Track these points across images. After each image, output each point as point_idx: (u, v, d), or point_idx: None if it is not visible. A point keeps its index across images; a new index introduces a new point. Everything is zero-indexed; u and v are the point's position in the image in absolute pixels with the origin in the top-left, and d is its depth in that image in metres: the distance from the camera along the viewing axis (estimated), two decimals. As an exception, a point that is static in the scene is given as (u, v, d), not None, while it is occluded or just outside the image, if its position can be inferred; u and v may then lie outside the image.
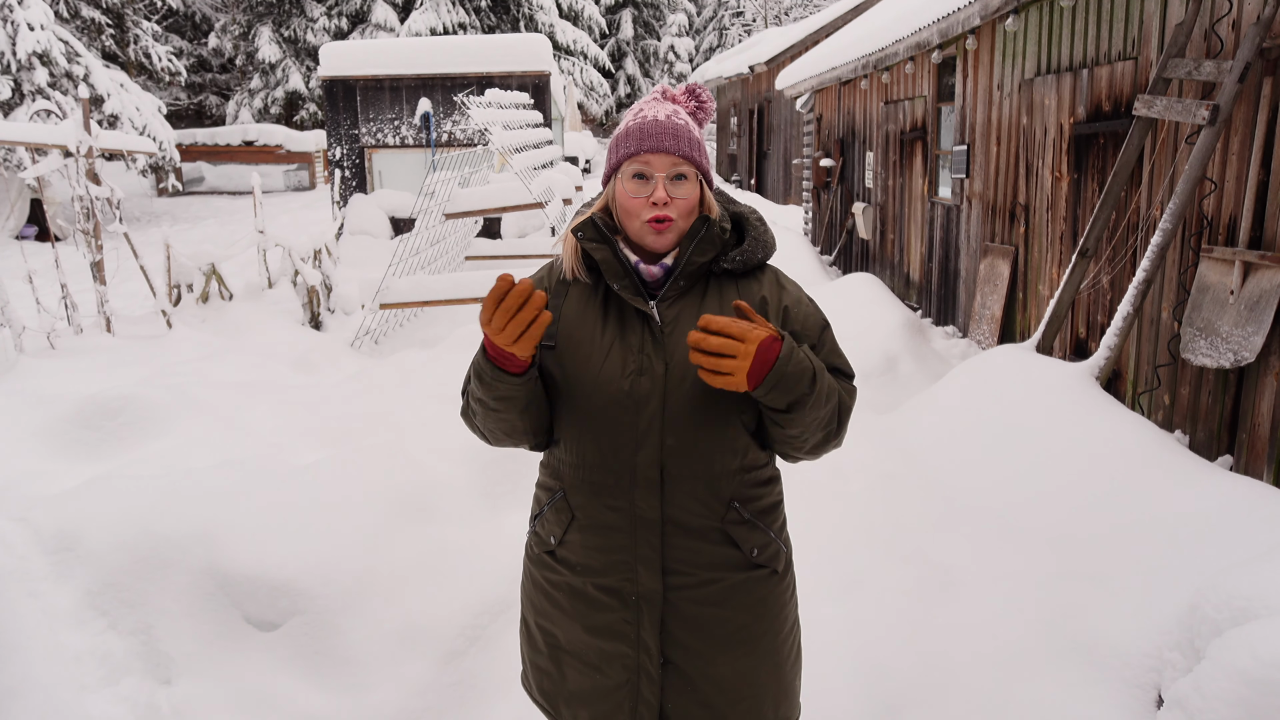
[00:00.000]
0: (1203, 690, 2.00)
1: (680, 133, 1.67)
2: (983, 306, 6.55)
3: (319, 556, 3.22)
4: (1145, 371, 4.58)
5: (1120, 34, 4.85)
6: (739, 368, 1.49)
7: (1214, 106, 3.82)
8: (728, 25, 41.39)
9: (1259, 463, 3.74)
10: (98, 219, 7.01)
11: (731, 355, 1.48)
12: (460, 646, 3.11)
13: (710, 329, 1.48)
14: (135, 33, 21.67)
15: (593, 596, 1.73)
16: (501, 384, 1.60)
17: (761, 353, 1.51)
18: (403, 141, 13.73)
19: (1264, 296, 3.61)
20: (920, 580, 3.36)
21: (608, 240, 1.69)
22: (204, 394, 5.10)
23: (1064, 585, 3.00)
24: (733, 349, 1.48)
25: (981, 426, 4.08)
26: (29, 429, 4.65)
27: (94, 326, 7.00)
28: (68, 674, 2.85)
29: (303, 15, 27.94)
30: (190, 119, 30.38)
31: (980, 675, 2.81)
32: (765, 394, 1.55)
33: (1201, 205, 4.10)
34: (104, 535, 3.22)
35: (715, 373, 1.50)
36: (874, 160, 9.60)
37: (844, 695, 2.84)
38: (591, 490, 1.70)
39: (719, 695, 1.74)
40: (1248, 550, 2.62)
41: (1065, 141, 5.45)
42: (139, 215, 18.50)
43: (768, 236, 1.79)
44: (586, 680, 1.76)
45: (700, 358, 1.49)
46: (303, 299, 8.19)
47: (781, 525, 1.82)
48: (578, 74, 33.23)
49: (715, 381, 1.51)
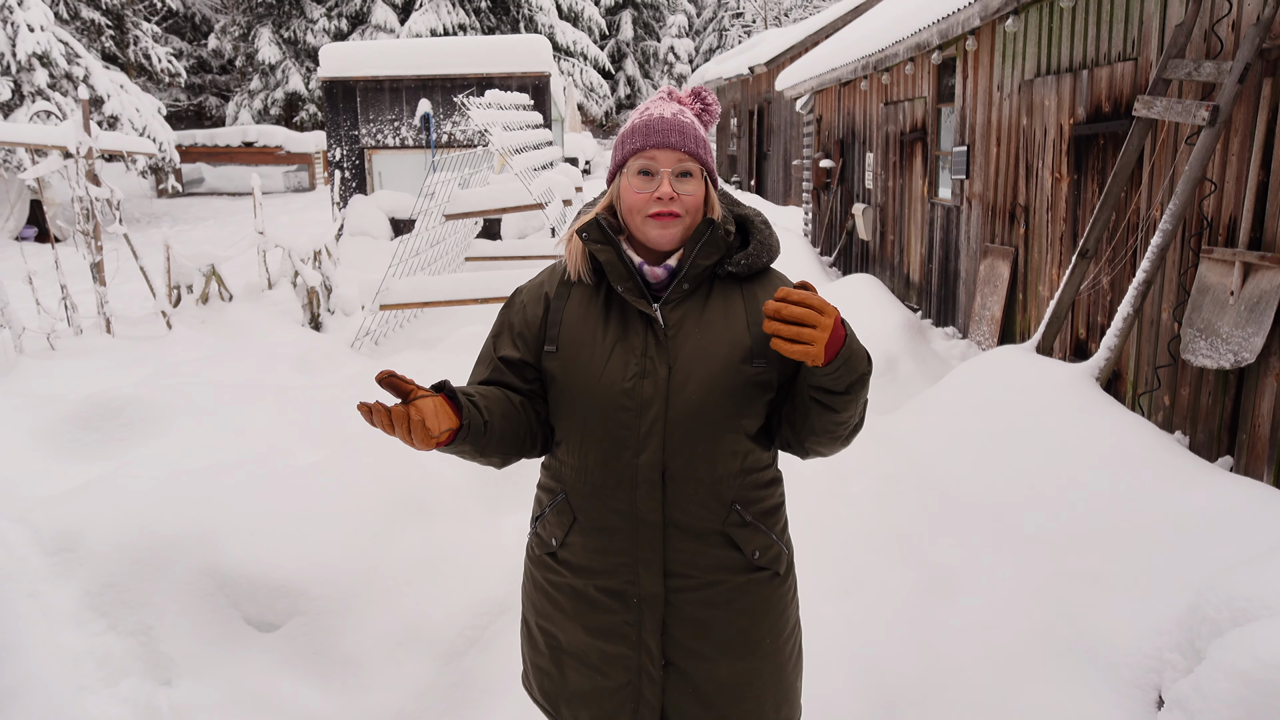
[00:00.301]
0: (1203, 691, 2.00)
1: (686, 130, 1.68)
2: (983, 307, 6.55)
3: (319, 557, 3.22)
4: (1145, 372, 4.58)
5: (1120, 35, 4.85)
6: (819, 338, 1.43)
7: (1214, 107, 3.82)
8: (727, 26, 41.40)
9: (1259, 464, 3.74)
10: (97, 220, 7.01)
11: (812, 325, 1.43)
12: (460, 647, 3.11)
13: (790, 299, 1.43)
14: (135, 34, 21.68)
15: (594, 598, 1.73)
16: (448, 451, 1.58)
17: (836, 327, 1.48)
18: (403, 142, 13.73)
19: (1264, 297, 3.61)
20: (920, 581, 3.36)
21: (612, 241, 1.69)
22: (204, 395, 5.10)
23: (1064, 586, 3.00)
24: (813, 319, 1.42)
25: (981, 428, 4.08)
26: (29, 430, 4.65)
27: (94, 327, 7.00)
28: (67, 675, 2.85)
29: (302, 16, 27.95)
30: (190, 120, 30.38)
31: (980, 676, 2.81)
32: (834, 370, 1.50)
33: (1201, 206, 4.10)
34: (104, 536, 3.22)
35: (794, 341, 1.43)
36: (874, 161, 9.60)
37: (844, 696, 2.84)
38: (593, 492, 1.70)
39: (720, 697, 1.74)
40: (1248, 551, 2.62)
41: (1065, 142, 5.46)
42: (139, 216, 18.50)
43: (772, 240, 1.79)
44: (588, 681, 1.76)
45: (778, 326, 1.43)
46: (303, 300, 8.19)
47: (783, 528, 1.82)
48: (578, 75, 33.25)
49: (792, 351, 1.43)
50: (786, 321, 1.43)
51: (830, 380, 1.53)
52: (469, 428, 1.55)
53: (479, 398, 1.61)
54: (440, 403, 1.50)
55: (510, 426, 1.67)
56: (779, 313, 1.43)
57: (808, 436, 1.68)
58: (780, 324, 1.43)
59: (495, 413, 1.63)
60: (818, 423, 1.63)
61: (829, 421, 1.62)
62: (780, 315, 1.43)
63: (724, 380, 1.66)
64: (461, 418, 1.54)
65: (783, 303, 1.43)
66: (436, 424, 1.47)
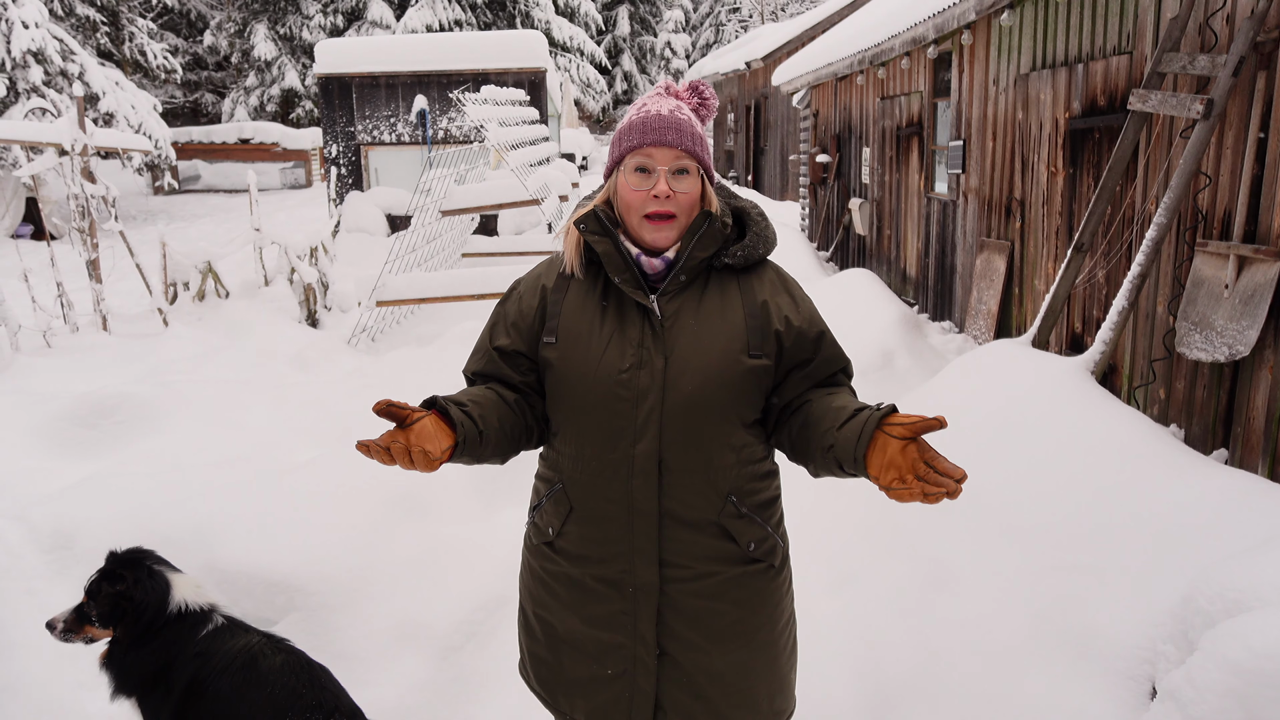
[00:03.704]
0: (1194, 681, 2.01)
1: (683, 127, 1.68)
2: (979, 301, 6.56)
3: (315, 553, 3.23)
4: (1140, 366, 4.59)
5: (1115, 28, 4.85)
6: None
7: (1208, 101, 3.82)
8: (724, 21, 41.33)
9: (1254, 456, 3.75)
10: (93, 217, 7.00)
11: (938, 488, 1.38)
12: (457, 642, 3.12)
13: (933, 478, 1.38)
14: (130, 30, 21.63)
15: (590, 587, 1.74)
16: (451, 462, 1.59)
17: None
18: (399, 139, 13.72)
19: (1258, 290, 3.61)
20: (916, 574, 3.37)
21: (609, 233, 1.69)
22: (200, 392, 5.10)
23: (1059, 579, 3.01)
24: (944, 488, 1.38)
25: (977, 421, 4.08)
26: (25, 427, 4.65)
27: (90, 325, 6.99)
28: (65, 672, 2.85)
29: (298, 12, 27.88)
30: (186, 117, 30.31)
31: (975, 668, 2.82)
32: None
33: (1196, 199, 4.11)
34: (101, 533, 3.22)
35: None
36: (870, 156, 9.60)
37: (840, 688, 2.85)
38: (590, 482, 1.71)
39: (714, 687, 1.75)
40: (1242, 543, 2.63)
41: (1060, 136, 5.46)
42: (135, 213, 18.47)
43: (769, 232, 1.79)
44: (584, 670, 1.77)
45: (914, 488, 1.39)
46: (299, 296, 8.19)
47: (779, 520, 1.82)
48: (574, 71, 33.20)
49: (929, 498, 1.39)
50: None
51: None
52: (464, 442, 1.55)
53: (471, 405, 1.61)
54: (435, 421, 1.51)
55: (505, 427, 1.67)
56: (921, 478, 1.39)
57: (808, 467, 1.70)
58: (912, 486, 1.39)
59: (489, 418, 1.63)
60: (827, 473, 1.65)
61: (840, 475, 1.63)
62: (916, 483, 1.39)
63: (720, 371, 1.66)
64: (455, 432, 1.54)
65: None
66: (436, 446, 1.48)
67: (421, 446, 1.44)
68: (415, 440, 1.45)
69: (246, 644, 2.33)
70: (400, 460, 1.43)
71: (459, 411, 1.57)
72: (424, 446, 1.44)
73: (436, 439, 1.48)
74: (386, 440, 1.43)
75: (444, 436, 1.51)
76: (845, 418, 1.55)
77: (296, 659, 2.36)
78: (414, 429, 1.46)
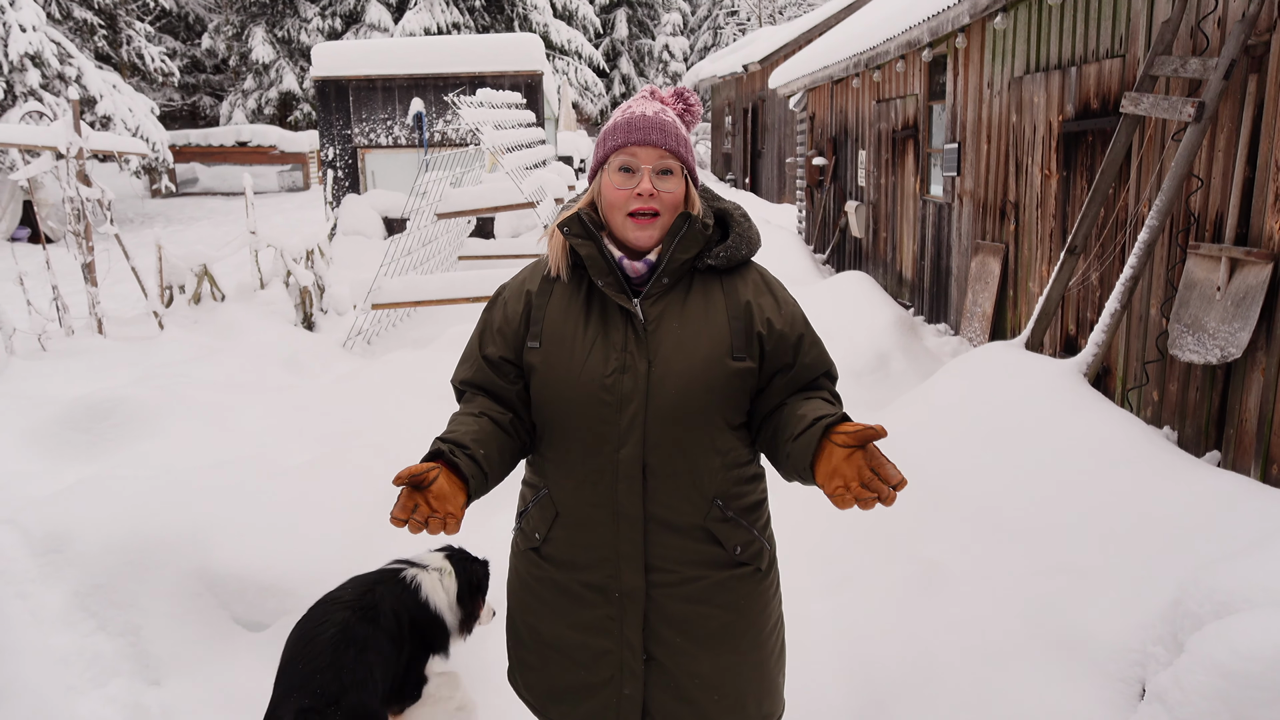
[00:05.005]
0: (1182, 683, 2.01)
1: (667, 128, 1.68)
2: (974, 304, 6.56)
3: (308, 557, 3.23)
4: (1134, 368, 4.59)
5: (1108, 32, 4.86)
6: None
7: (1200, 103, 3.83)
8: (722, 24, 41.36)
9: (1246, 458, 3.76)
10: (89, 220, 7.00)
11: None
12: (449, 645, 3.11)
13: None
14: (128, 34, 21.64)
15: (577, 593, 1.74)
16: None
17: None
18: (395, 142, 13.72)
19: (1250, 293, 3.62)
20: (908, 577, 3.37)
21: (593, 236, 1.70)
22: (195, 395, 5.10)
23: (1051, 580, 3.01)
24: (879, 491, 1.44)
25: (971, 424, 4.09)
26: (19, 431, 4.65)
27: (85, 328, 6.99)
28: (56, 675, 2.85)
29: (296, 15, 27.89)
30: (184, 120, 30.30)
31: (967, 670, 2.82)
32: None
33: (1188, 202, 4.11)
34: (93, 537, 3.22)
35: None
36: (866, 159, 9.62)
37: (832, 690, 2.85)
38: (575, 487, 1.71)
39: (701, 691, 1.75)
40: (1234, 545, 2.63)
41: (1054, 139, 5.47)
42: (132, 217, 18.46)
43: (752, 233, 1.79)
44: (572, 676, 1.77)
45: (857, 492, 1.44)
46: (295, 300, 8.19)
47: (765, 523, 1.82)
48: (572, 74, 33.21)
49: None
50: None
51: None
52: (474, 495, 1.58)
53: (474, 447, 1.61)
54: (446, 476, 1.52)
55: (505, 456, 1.69)
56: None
57: (780, 473, 1.72)
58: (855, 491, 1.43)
59: (490, 455, 1.64)
60: (794, 480, 1.66)
61: (803, 483, 1.64)
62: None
63: (704, 374, 1.66)
64: (466, 485, 1.56)
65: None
66: (457, 505, 1.50)
67: (446, 511, 1.47)
68: (437, 505, 1.47)
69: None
70: (433, 531, 1.46)
71: (467, 462, 1.58)
72: (448, 510, 1.48)
73: (454, 498, 1.51)
74: (407, 510, 1.45)
75: (457, 492, 1.53)
76: (804, 427, 1.57)
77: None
78: (432, 491, 1.48)
